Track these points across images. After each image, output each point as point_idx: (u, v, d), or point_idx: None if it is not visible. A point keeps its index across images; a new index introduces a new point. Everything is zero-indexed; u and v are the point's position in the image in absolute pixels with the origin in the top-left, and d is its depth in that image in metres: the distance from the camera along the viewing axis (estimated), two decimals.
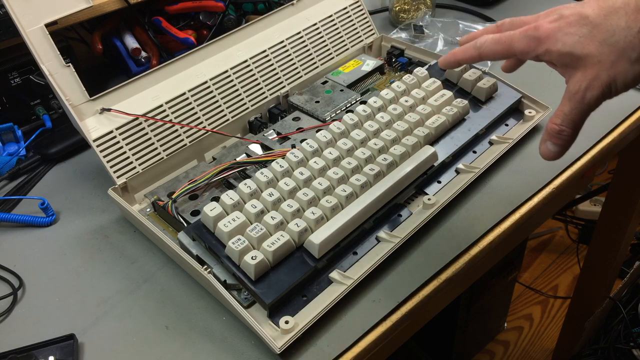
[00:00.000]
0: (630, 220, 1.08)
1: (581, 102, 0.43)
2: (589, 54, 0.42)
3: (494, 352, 1.55)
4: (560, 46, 0.43)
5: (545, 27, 0.45)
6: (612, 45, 0.42)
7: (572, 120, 0.44)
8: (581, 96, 0.43)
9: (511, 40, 0.47)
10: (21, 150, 0.74)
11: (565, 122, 0.44)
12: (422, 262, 0.57)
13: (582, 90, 0.43)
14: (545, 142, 0.46)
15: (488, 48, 0.48)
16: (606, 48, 0.42)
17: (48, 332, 0.53)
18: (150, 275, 0.59)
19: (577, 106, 0.43)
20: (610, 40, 0.42)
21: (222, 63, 0.71)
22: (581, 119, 0.44)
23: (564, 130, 0.44)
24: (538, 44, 0.45)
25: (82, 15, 0.69)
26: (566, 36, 0.43)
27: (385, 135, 0.63)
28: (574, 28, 0.43)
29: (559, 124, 0.44)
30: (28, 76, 0.76)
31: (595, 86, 0.42)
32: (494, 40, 0.48)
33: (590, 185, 1.75)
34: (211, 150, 0.70)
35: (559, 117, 0.44)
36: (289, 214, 0.55)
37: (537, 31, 0.45)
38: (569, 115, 0.44)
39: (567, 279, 1.74)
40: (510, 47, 0.47)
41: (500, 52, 0.48)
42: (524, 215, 0.62)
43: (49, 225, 0.65)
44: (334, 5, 0.80)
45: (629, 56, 0.42)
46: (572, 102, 0.43)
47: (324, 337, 0.51)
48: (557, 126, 0.44)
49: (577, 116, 0.44)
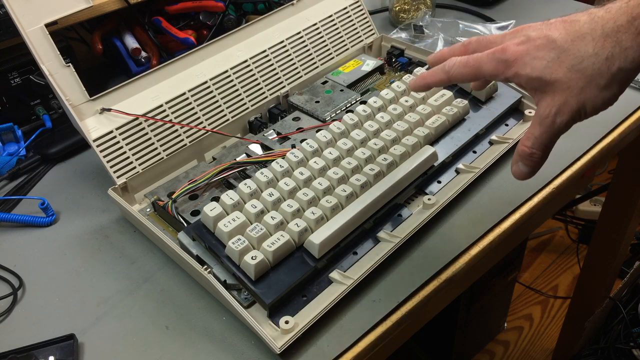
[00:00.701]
0: (630, 220, 1.08)
1: (551, 126, 0.44)
2: (557, 79, 0.43)
3: (494, 352, 1.55)
4: (529, 70, 0.44)
5: (512, 49, 0.45)
6: (580, 71, 0.42)
7: (542, 143, 0.44)
8: (551, 121, 0.43)
9: (479, 63, 0.47)
10: (21, 150, 0.74)
11: (535, 146, 0.45)
12: (422, 262, 0.57)
13: (552, 115, 0.43)
14: (517, 162, 0.46)
15: (457, 71, 0.48)
16: (575, 74, 0.42)
17: (48, 332, 0.53)
18: (150, 275, 0.59)
19: (547, 130, 0.44)
20: (578, 67, 0.42)
21: (222, 63, 0.71)
22: (551, 142, 0.45)
23: (535, 153, 0.45)
24: (506, 67, 0.45)
25: (82, 15, 0.69)
26: (534, 60, 0.43)
27: (385, 135, 0.63)
28: (542, 52, 0.43)
29: (530, 147, 0.45)
30: (28, 76, 0.76)
31: (565, 112, 0.43)
32: (462, 64, 0.48)
33: (590, 185, 1.75)
34: (211, 150, 0.70)
35: (529, 140, 0.45)
36: (289, 214, 0.55)
37: (505, 54, 0.45)
38: (539, 139, 0.44)
39: (567, 279, 1.74)
40: (479, 70, 0.47)
41: (469, 75, 0.48)
42: (524, 215, 0.62)
43: (49, 225, 0.65)
44: (334, 5, 0.80)
45: (597, 83, 0.42)
46: (542, 127, 0.44)
47: (324, 337, 0.51)
48: (527, 149, 0.45)
49: (547, 140, 0.44)
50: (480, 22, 0.96)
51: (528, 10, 0.99)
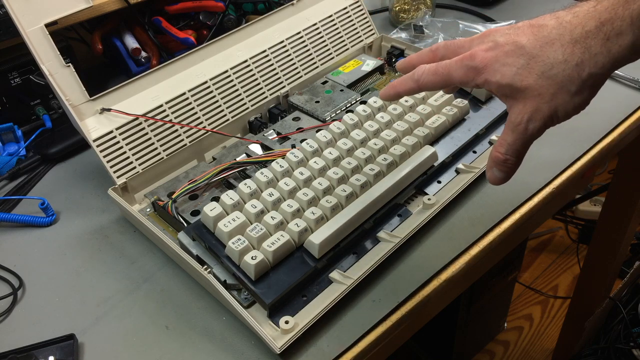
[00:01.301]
0: (630, 220, 1.08)
1: (524, 133, 0.44)
2: (528, 86, 0.42)
3: (494, 352, 1.55)
4: (499, 77, 0.43)
5: (481, 56, 0.44)
6: (551, 78, 0.42)
7: (516, 149, 0.44)
8: (524, 127, 0.43)
9: (448, 70, 0.46)
10: (21, 150, 0.74)
11: (509, 152, 0.45)
12: (422, 262, 0.57)
13: (525, 122, 0.43)
14: (492, 168, 0.46)
15: (426, 79, 0.48)
16: (545, 81, 0.42)
17: (48, 332, 0.53)
18: (150, 275, 0.59)
19: (520, 137, 0.44)
20: (549, 73, 0.42)
21: (222, 63, 0.71)
22: (524, 148, 0.45)
23: (509, 160, 0.45)
24: (476, 74, 0.45)
25: (82, 15, 0.69)
26: (504, 67, 0.43)
27: (385, 135, 0.63)
28: (511, 59, 0.43)
29: (503, 153, 0.45)
30: (28, 76, 0.76)
31: (537, 118, 0.43)
32: (431, 72, 0.47)
33: (590, 185, 1.75)
34: (211, 150, 0.70)
35: (502, 147, 0.45)
36: (289, 214, 0.55)
37: (474, 60, 0.45)
38: (512, 146, 0.44)
39: (567, 279, 1.74)
40: (449, 78, 0.46)
41: (438, 82, 0.47)
42: (524, 215, 0.62)
43: (49, 225, 0.65)
44: (334, 5, 0.80)
45: (568, 89, 0.42)
46: (515, 133, 0.44)
47: (324, 337, 0.51)
48: (501, 155, 0.45)
49: (521, 146, 0.44)
50: (480, 22, 0.96)
51: (528, 10, 0.99)
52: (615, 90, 0.77)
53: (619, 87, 0.77)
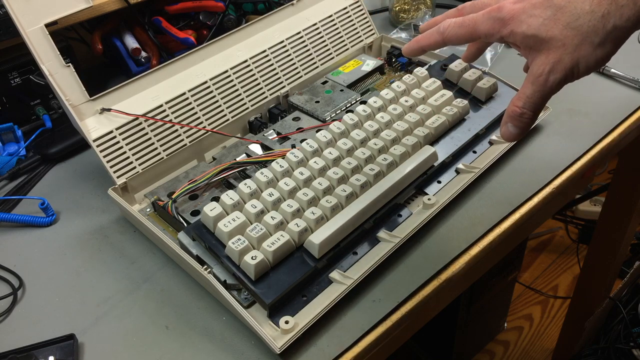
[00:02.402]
0: (630, 220, 1.08)
1: (544, 85, 0.43)
2: (553, 37, 0.42)
3: (494, 352, 1.55)
4: (524, 28, 0.43)
5: (508, 7, 0.44)
6: (575, 28, 0.42)
7: (534, 103, 0.44)
8: (544, 79, 0.43)
9: (475, 22, 0.46)
10: (21, 150, 0.74)
11: (527, 105, 0.44)
12: (422, 262, 0.57)
13: (546, 73, 0.43)
14: (507, 124, 0.46)
15: (452, 32, 0.48)
16: (570, 31, 0.42)
17: (48, 332, 0.53)
18: (150, 275, 0.59)
19: (540, 89, 0.44)
20: (574, 24, 0.42)
21: (222, 63, 0.71)
22: (543, 101, 0.44)
23: (525, 113, 0.45)
24: (502, 25, 0.44)
25: (82, 15, 0.69)
26: (530, 18, 0.43)
27: (385, 135, 0.63)
28: (538, 10, 0.43)
29: (521, 107, 0.45)
30: (28, 76, 0.76)
31: (558, 70, 0.43)
32: (457, 24, 0.47)
33: (590, 185, 1.75)
34: (211, 150, 0.70)
35: (520, 100, 0.45)
36: (289, 214, 0.55)
37: (501, 12, 0.45)
38: (531, 98, 0.44)
39: (567, 279, 1.74)
40: (475, 30, 0.46)
41: (464, 35, 0.47)
42: (524, 215, 0.62)
43: (49, 225, 0.65)
44: (334, 5, 0.80)
45: (592, 40, 0.42)
46: (535, 85, 0.44)
47: (324, 337, 0.51)
48: (519, 109, 0.45)
49: (539, 99, 0.44)
50: None
51: None
52: (615, 90, 0.77)
53: (619, 87, 0.77)
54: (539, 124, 0.71)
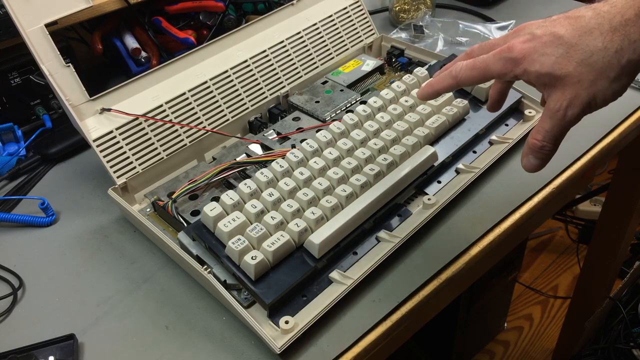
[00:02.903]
0: (630, 220, 1.08)
1: (562, 119, 0.44)
2: (568, 74, 0.43)
3: (494, 352, 1.55)
4: (538, 67, 0.44)
5: (519, 47, 0.45)
6: (590, 65, 0.43)
7: (554, 136, 0.45)
8: (562, 114, 0.44)
9: (486, 64, 0.47)
10: (21, 150, 0.74)
11: (547, 139, 0.45)
12: (422, 262, 0.57)
13: (563, 108, 0.44)
14: (528, 155, 0.47)
15: (464, 74, 0.48)
16: (585, 68, 0.43)
17: (48, 332, 0.53)
18: (150, 275, 0.59)
19: (559, 123, 0.45)
20: (588, 61, 0.43)
21: (222, 63, 0.71)
22: (562, 135, 0.45)
23: (546, 146, 0.46)
24: (515, 65, 0.45)
25: (82, 15, 0.69)
26: (543, 57, 0.44)
27: (385, 135, 0.63)
28: (549, 48, 0.44)
29: (541, 140, 0.45)
30: (28, 76, 0.76)
31: (576, 104, 0.44)
32: (469, 67, 0.48)
33: (590, 185, 1.75)
34: (211, 150, 0.70)
35: (540, 134, 0.45)
36: (289, 214, 0.55)
37: (512, 52, 0.45)
38: (550, 132, 0.45)
39: (567, 279, 1.74)
40: (487, 71, 0.47)
41: (477, 77, 0.48)
42: (524, 215, 0.62)
43: (49, 225, 0.65)
44: (334, 5, 0.80)
45: (608, 75, 0.43)
46: (554, 120, 0.45)
47: (324, 337, 0.51)
48: (539, 142, 0.46)
49: (558, 133, 0.45)
50: (480, 22, 0.96)
51: (528, 10, 0.99)
52: None
53: None
54: None
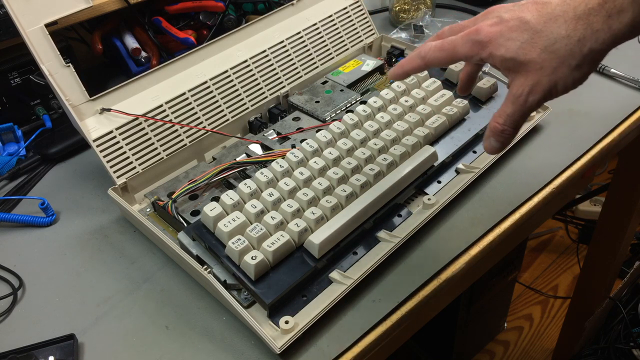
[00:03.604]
0: (630, 220, 1.08)
1: (524, 105, 0.45)
2: (531, 60, 0.44)
3: (494, 352, 1.55)
4: (503, 51, 0.45)
5: (486, 30, 0.46)
6: (553, 52, 0.43)
7: (514, 121, 0.46)
8: (524, 100, 0.45)
9: (454, 45, 0.48)
10: (21, 150, 0.74)
11: (507, 123, 0.46)
12: (422, 262, 0.57)
13: (525, 94, 0.45)
14: (489, 138, 0.48)
15: (432, 55, 0.49)
16: (548, 55, 0.44)
17: (48, 332, 0.53)
18: (150, 275, 0.59)
19: (520, 109, 0.46)
20: (551, 48, 0.43)
21: (222, 63, 0.71)
22: (522, 119, 0.46)
23: (506, 130, 0.47)
24: (481, 48, 0.46)
25: (82, 15, 0.69)
26: (508, 41, 0.45)
27: (385, 135, 0.63)
28: (515, 33, 0.45)
29: (502, 124, 0.47)
30: (28, 76, 0.76)
31: (538, 91, 0.45)
32: (437, 47, 0.49)
33: (590, 185, 1.75)
34: (211, 150, 0.70)
35: (501, 117, 0.47)
36: (289, 214, 0.55)
37: (479, 35, 0.46)
38: (511, 117, 0.46)
39: (567, 279, 1.74)
40: (454, 53, 0.48)
41: (444, 58, 0.49)
42: (524, 215, 0.62)
43: (49, 225, 0.65)
44: (334, 5, 0.80)
45: (569, 63, 0.44)
46: (515, 105, 0.46)
47: (324, 337, 0.51)
48: (500, 125, 0.47)
49: (519, 117, 0.46)
50: None
51: None
52: (615, 90, 0.77)
53: (619, 87, 0.77)
54: (539, 124, 0.71)
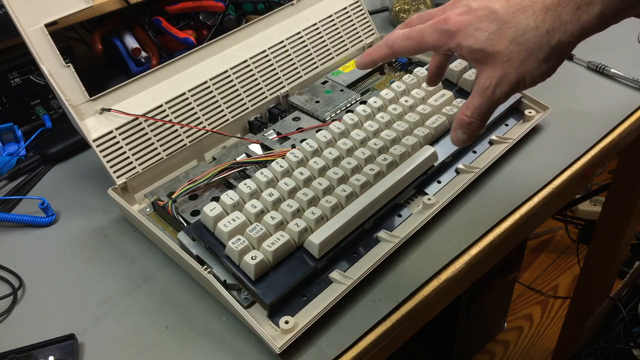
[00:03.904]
0: (630, 220, 1.08)
1: (491, 97, 0.45)
2: (499, 51, 0.43)
3: (494, 352, 1.55)
4: (471, 42, 0.44)
5: (454, 19, 0.45)
6: (521, 44, 0.43)
7: (481, 113, 0.46)
8: (491, 92, 0.44)
9: (422, 34, 0.47)
10: (21, 150, 0.74)
11: (474, 115, 0.46)
12: (422, 262, 0.57)
13: (492, 86, 0.44)
14: (456, 130, 0.47)
15: (400, 44, 0.48)
16: (515, 47, 0.43)
17: (48, 332, 0.53)
18: (150, 275, 0.59)
19: (487, 101, 0.45)
20: (519, 39, 0.43)
21: (222, 63, 0.71)
22: (489, 112, 0.46)
23: (474, 122, 0.46)
24: (449, 38, 0.45)
25: (82, 15, 0.69)
26: (476, 32, 0.44)
27: (385, 135, 0.63)
28: (484, 23, 0.44)
29: (469, 116, 0.46)
30: (28, 76, 0.76)
31: (505, 83, 0.44)
32: (404, 36, 0.48)
33: (590, 185, 1.75)
34: (211, 150, 0.70)
35: (469, 110, 0.46)
36: (289, 214, 0.55)
37: (447, 24, 0.45)
38: (478, 109, 0.45)
39: (567, 279, 1.74)
40: (422, 42, 0.47)
41: (412, 47, 0.48)
42: (524, 215, 0.62)
43: (49, 225, 0.65)
44: (334, 5, 0.80)
45: (537, 55, 0.43)
46: (483, 97, 0.45)
47: (324, 337, 0.51)
48: (467, 118, 0.46)
49: (486, 110, 0.45)
50: None
51: None
52: (615, 90, 0.77)
53: (619, 87, 0.77)
54: (539, 124, 0.71)
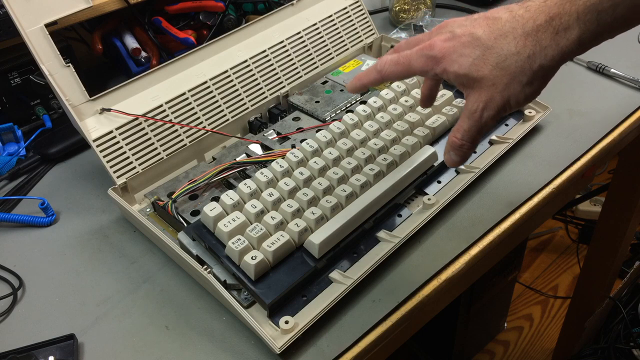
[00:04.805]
0: (630, 220, 1.08)
1: (479, 120, 0.46)
2: (484, 76, 0.45)
3: (494, 352, 1.55)
4: (456, 67, 0.46)
5: (439, 45, 0.47)
6: (504, 69, 0.44)
7: (471, 135, 0.47)
8: (479, 116, 0.46)
9: (409, 60, 0.48)
10: (21, 150, 0.74)
11: (465, 137, 0.47)
12: (422, 262, 0.57)
13: (480, 110, 0.46)
14: (449, 152, 0.49)
15: (388, 69, 0.50)
16: (499, 71, 0.44)
17: (48, 332, 0.53)
18: (150, 275, 0.59)
19: (476, 124, 0.47)
20: (502, 65, 0.44)
21: (222, 63, 0.71)
22: (479, 134, 0.47)
23: (465, 145, 0.48)
24: (435, 63, 0.47)
25: (82, 15, 0.69)
26: (461, 57, 0.45)
27: (385, 135, 0.63)
28: (468, 49, 0.45)
29: (460, 139, 0.48)
30: (28, 76, 0.76)
31: (491, 107, 0.46)
32: (393, 62, 0.50)
33: (590, 185, 1.75)
34: (211, 150, 0.70)
35: (459, 132, 0.48)
36: (289, 214, 0.55)
37: (433, 50, 0.47)
38: (468, 132, 0.47)
39: (567, 279, 1.74)
40: (410, 67, 0.49)
41: (400, 72, 0.50)
42: (524, 215, 0.62)
43: (49, 225, 0.65)
44: (334, 5, 0.80)
45: (520, 80, 0.44)
46: (471, 121, 0.47)
47: (324, 337, 0.51)
48: (458, 140, 0.48)
49: (475, 132, 0.47)
50: None
51: None
52: (615, 90, 0.77)
53: (619, 87, 0.77)
54: (539, 124, 0.71)
